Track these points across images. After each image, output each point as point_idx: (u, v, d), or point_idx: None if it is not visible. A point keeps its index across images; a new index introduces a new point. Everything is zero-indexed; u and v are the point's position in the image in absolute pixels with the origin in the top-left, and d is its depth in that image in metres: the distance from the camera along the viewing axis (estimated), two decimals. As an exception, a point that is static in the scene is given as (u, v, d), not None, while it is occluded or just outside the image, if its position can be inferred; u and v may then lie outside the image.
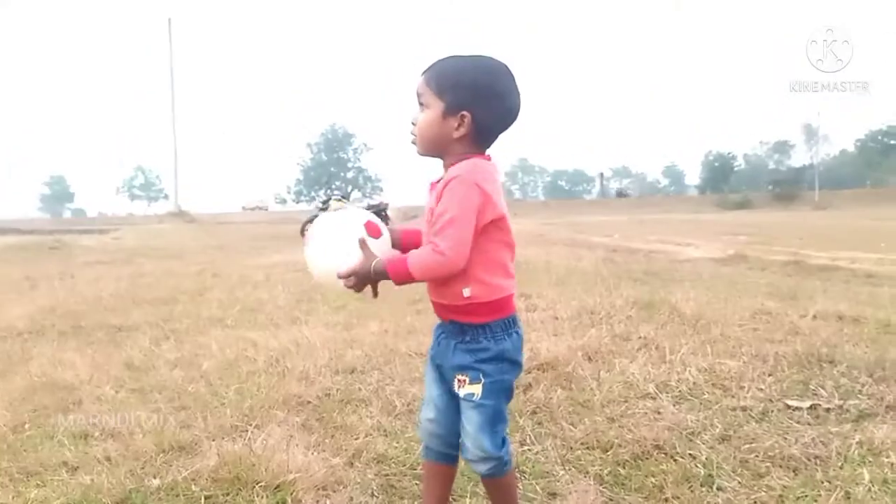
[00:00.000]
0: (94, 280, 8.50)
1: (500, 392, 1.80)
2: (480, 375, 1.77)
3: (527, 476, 2.33)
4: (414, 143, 1.80)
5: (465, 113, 1.70)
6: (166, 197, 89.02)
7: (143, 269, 9.93)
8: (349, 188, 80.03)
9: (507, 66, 1.78)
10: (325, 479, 2.29)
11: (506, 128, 1.81)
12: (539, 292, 5.97)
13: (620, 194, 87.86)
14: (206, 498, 2.20)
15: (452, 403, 1.86)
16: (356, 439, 2.68)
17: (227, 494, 2.22)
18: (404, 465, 2.44)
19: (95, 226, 33.20)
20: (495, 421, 1.79)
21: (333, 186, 78.54)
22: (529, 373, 3.42)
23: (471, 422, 1.78)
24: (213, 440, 2.68)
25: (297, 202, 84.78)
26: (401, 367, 3.69)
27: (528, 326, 4.59)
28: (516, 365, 1.83)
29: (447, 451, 1.92)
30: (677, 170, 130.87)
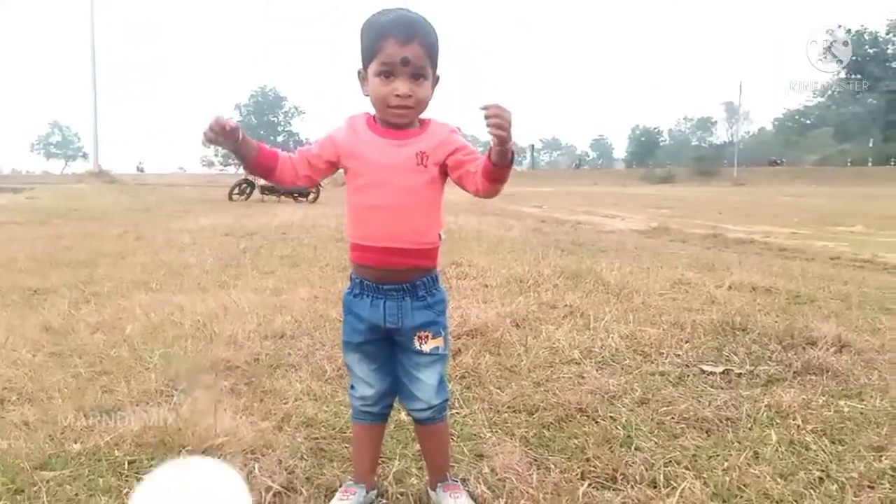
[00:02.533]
0: (8, 241, 8.10)
1: (449, 343, 1.92)
2: (440, 329, 1.83)
3: (455, 439, 2.38)
4: (403, 115, 1.73)
5: (438, 75, 1.78)
6: (85, 156, 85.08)
7: (60, 231, 9.50)
8: (279, 152, 78.01)
9: None
10: (254, 443, 2.28)
11: None
12: (470, 261, 6.04)
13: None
14: (129, 463, 2.16)
15: (387, 369, 1.89)
16: (285, 403, 2.68)
17: (152, 459, 2.18)
18: (334, 429, 2.46)
19: (8, 184, 31.44)
20: (446, 366, 1.90)
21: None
22: (459, 338, 3.48)
23: (432, 375, 1.82)
24: (137, 405, 2.62)
25: (225, 166, 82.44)
26: (331, 332, 3.68)
27: (458, 294, 4.65)
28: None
29: (382, 412, 1.96)
30: (605, 143, 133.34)
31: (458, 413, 2.61)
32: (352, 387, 1.95)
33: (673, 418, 2.55)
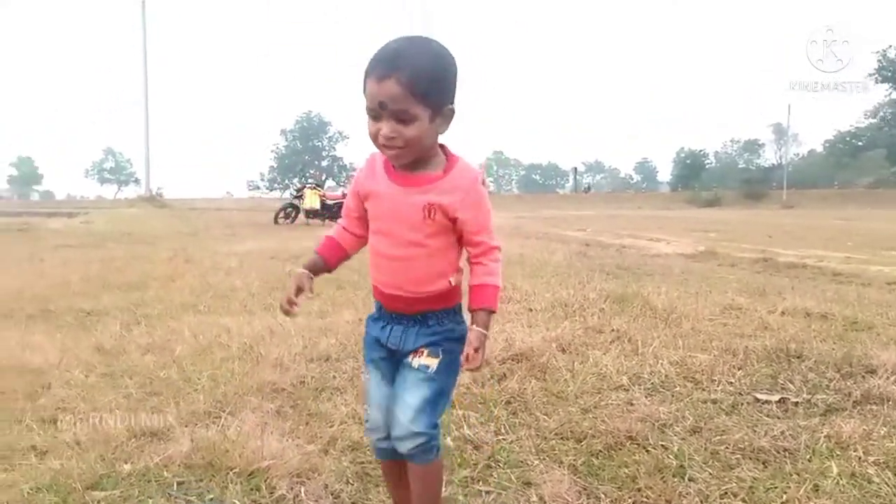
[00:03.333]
0: (63, 264, 8.34)
1: (453, 372, 1.76)
2: (440, 351, 1.72)
3: (501, 465, 2.34)
4: (396, 156, 1.62)
5: (451, 106, 1.62)
6: (137, 181, 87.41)
7: (113, 254, 9.76)
8: (324, 177, 79.41)
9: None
10: (300, 466, 2.28)
11: None
12: (514, 284, 6.00)
13: (587, 190, 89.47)
14: (178, 483, 2.18)
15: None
16: (331, 427, 2.68)
17: (201, 480, 2.20)
18: (379, 453, 2.44)
19: (63, 209, 32.51)
20: (440, 399, 1.73)
21: (308, 174, 77.95)
22: (504, 363, 3.45)
23: (415, 395, 1.69)
24: (186, 426, 2.65)
25: (271, 190, 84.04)
26: (376, 355, 3.68)
27: (502, 318, 4.61)
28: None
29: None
30: (650, 166, 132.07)
31: (504, 439, 2.57)
32: (366, 420, 1.85)
33: (727, 448, 2.47)
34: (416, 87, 1.52)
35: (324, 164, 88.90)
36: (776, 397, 3.01)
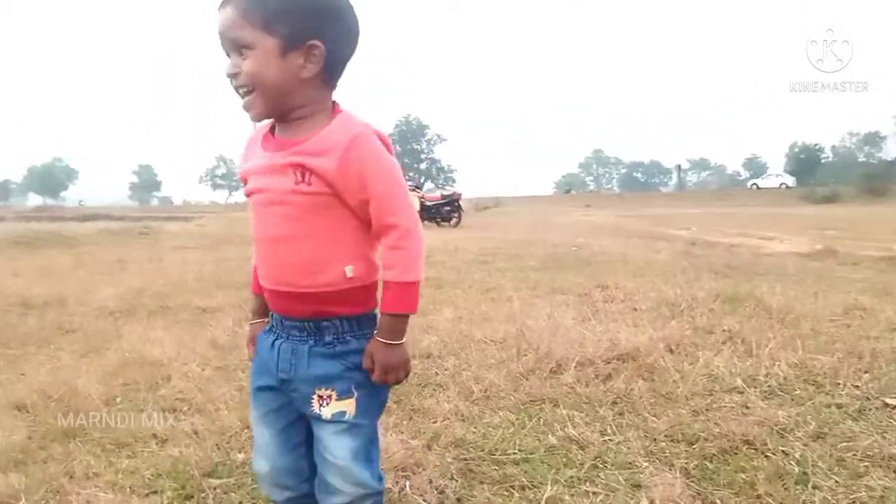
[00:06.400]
0: (181, 264, 8.81)
1: (378, 407, 1.44)
2: (352, 387, 1.37)
3: (609, 466, 2.27)
4: (247, 103, 1.32)
5: (315, 42, 1.29)
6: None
7: (225, 255, 10.23)
8: (422, 179, 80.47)
9: None
10: (405, 461, 2.29)
11: (351, 57, 1.39)
12: (617, 283, 5.86)
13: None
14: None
15: (284, 438, 1.47)
16: (434, 423, 2.68)
17: (309, 471, 2.25)
18: (483, 451, 2.42)
19: (181, 213, 34.48)
20: (371, 448, 1.42)
21: (407, 177, 79.26)
22: (609, 363, 3.35)
23: (341, 450, 1.37)
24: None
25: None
26: (476, 353, 3.68)
27: (605, 317, 4.50)
28: None
29: (303, 499, 1.51)
30: (759, 162, 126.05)
31: (610, 440, 2.50)
32: (254, 456, 1.54)
33: (855, 455, 2.30)
34: (252, 9, 1.26)
35: (422, 166, 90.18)
36: (909, 403, 2.78)
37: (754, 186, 62.78)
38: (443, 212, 19.65)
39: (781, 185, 61.95)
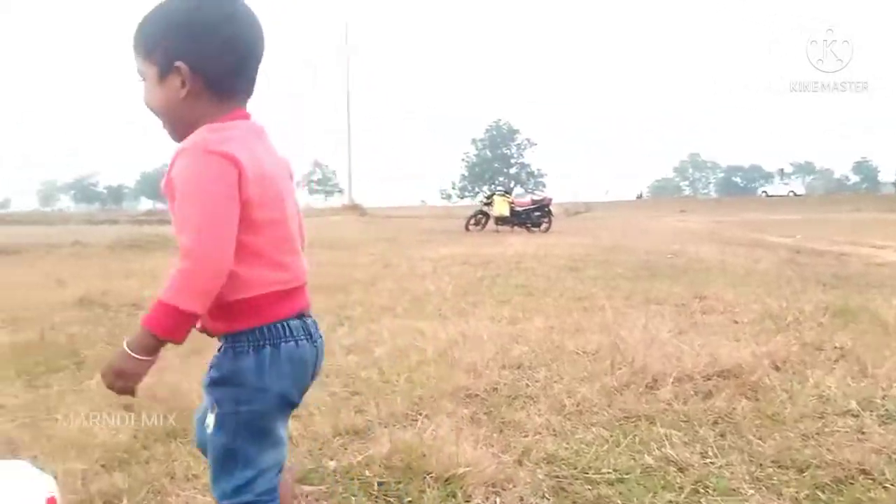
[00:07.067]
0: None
1: (239, 427, 1.40)
2: (214, 403, 1.41)
3: (710, 491, 2.16)
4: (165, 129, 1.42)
5: (177, 64, 1.32)
6: (341, 191, 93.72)
7: (320, 258, 10.47)
8: (512, 184, 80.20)
9: None
10: (495, 476, 2.24)
11: (242, 66, 1.40)
12: (715, 294, 5.64)
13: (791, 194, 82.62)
14: (378, 484, 2.24)
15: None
16: (525, 437, 2.63)
17: (399, 483, 2.24)
18: (576, 468, 2.35)
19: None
20: (227, 463, 1.41)
21: (497, 182, 79.08)
22: (709, 379, 3.21)
23: (210, 458, 1.46)
24: (385, 426, 2.73)
25: (462, 198, 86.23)
26: (568, 365, 3.60)
27: (704, 330, 4.33)
28: (266, 393, 1.40)
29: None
30: (870, 165, 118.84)
31: (712, 463, 2.37)
32: None
33: None
34: (136, 42, 1.36)
35: (512, 171, 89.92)
36: None
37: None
38: (533, 217, 19.72)
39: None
